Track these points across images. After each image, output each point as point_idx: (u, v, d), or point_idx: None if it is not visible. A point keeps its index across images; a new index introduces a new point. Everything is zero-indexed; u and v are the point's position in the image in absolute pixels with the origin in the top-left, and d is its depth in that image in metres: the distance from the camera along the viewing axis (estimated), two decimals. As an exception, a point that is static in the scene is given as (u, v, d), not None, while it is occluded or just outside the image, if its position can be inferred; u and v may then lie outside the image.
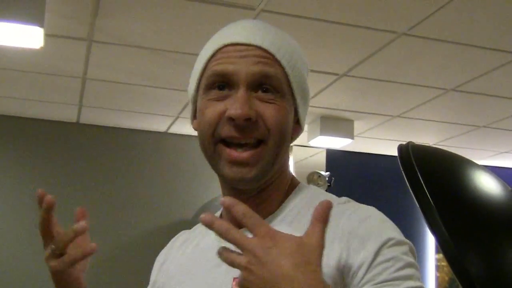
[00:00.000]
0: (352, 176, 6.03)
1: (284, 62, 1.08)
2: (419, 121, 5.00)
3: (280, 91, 1.07)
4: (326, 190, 4.37)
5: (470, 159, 1.20)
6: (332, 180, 5.27)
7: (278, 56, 1.08)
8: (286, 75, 1.09)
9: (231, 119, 1.04)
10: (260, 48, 1.07)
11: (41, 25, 3.08)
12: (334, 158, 5.89)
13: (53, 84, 4.43)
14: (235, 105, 1.04)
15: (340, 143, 5.25)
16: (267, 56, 1.07)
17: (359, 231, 1.01)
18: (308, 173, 5.46)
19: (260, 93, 1.06)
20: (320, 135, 4.97)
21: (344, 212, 1.05)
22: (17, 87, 4.58)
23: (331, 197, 1.12)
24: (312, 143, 5.22)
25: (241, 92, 1.05)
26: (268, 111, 1.06)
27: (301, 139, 5.50)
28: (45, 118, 5.40)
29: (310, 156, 5.94)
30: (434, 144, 5.55)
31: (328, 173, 5.32)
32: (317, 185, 5.20)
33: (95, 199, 5.43)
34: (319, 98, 4.47)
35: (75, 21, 3.33)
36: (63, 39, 3.56)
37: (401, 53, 3.61)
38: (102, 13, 3.19)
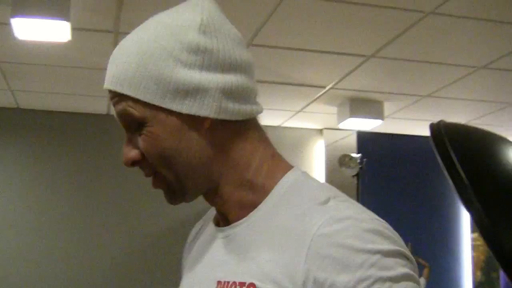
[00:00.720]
0: (383, 157, 5.99)
1: (127, 91, 0.98)
2: (449, 100, 4.95)
3: (139, 120, 0.99)
4: (358, 173, 4.34)
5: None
6: (364, 162, 5.24)
7: (120, 89, 0.99)
8: (138, 100, 0.99)
9: None
10: (110, 90, 1.01)
11: (68, 19, 3.12)
12: (365, 140, 5.86)
13: (81, 77, 4.48)
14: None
15: (370, 124, 5.21)
16: (116, 95, 1.01)
17: (329, 251, 0.90)
18: (339, 156, 5.44)
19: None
20: (350, 117, 4.94)
21: (318, 217, 0.94)
22: (45, 81, 4.64)
23: (311, 192, 1.01)
24: (342, 125, 5.19)
25: (125, 138, 1.04)
26: (141, 145, 1.01)
27: (331, 122, 5.50)
28: (74, 111, 5.46)
29: (341, 139, 5.92)
30: (465, 123, 5.48)
31: (359, 155, 5.29)
32: (349, 167, 5.18)
33: (122, 190, 5.48)
34: (347, 81, 4.44)
35: (101, 14, 3.36)
36: (90, 32, 3.58)
37: (429, 32, 3.56)
38: (127, 5, 3.21)
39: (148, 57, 0.98)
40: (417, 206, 6.03)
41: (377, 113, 5.02)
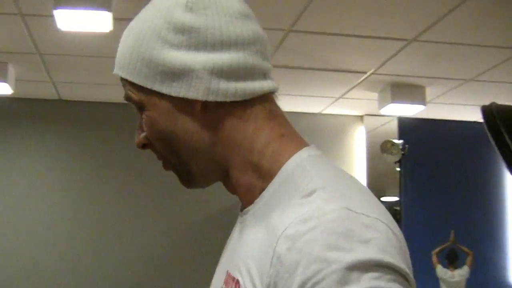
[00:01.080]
0: (425, 143, 5.91)
1: (125, 75, 0.98)
2: (493, 84, 4.85)
3: (139, 104, 0.99)
4: (400, 159, 4.31)
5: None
6: (406, 148, 5.18)
7: (120, 73, 0.99)
8: (134, 83, 0.98)
9: None
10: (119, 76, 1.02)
11: (109, 10, 3.15)
12: (406, 126, 5.79)
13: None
14: None
15: (412, 110, 5.15)
16: (121, 79, 1.01)
17: (289, 256, 0.82)
18: (380, 142, 5.40)
19: None
20: (391, 102, 4.88)
21: (291, 215, 0.85)
22: (86, 72, 4.70)
23: (302, 180, 0.92)
24: (383, 111, 5.14)
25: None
26: (144, 128, 1.01)
27: (372, 108, 5.45)
28: (115, 101, 5.52)
29: (382, 125, 5.87)
30: None
31: (401, 141, 5.23)
32: (391, 153, 5.13)
33: (160, 181, 5.52)
34: (388, 66, 4.39)
35: (142, 4, 3.37)
36: (131, 22, 3.61)
37: (472, 15, 3.49)
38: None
39: (141, 39, 0.97)
40: (460, 193, 5.94)
41: (419, 98, 4.95)
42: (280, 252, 0.82)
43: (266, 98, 1.00)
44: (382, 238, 0.81)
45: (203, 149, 0.98)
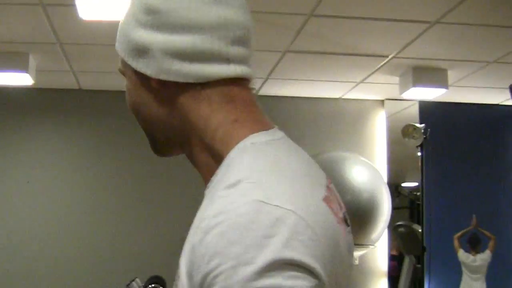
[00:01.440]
0: (447, 127, 5.87)
1: (116, 47, 1.10)
2: (517, 66, 4.79)
3: (123, 74, 1.12)
4: (422, 143, 4.26)
5: None
6: (428, 132, 5.13)
7: (116, 46, 1.10)
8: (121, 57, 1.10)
9: None
10: None
11: (130, -3, 3.13)
12: (427, 110, 5.74)
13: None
14: None
15: (433, 93, 5.10)
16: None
17: (198, 249, 0.84)
18: (401, 127, 5.36)
19: None
20: (413, 86, 4.84)
21: (210, 207, 0.87)
22: (107, 61, 4.69)
23: (232, 169, 0.94)
24: (405, 95, 5.09)
25: None
26: None
27: (393, 92, 5.41)
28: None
29: (403, 110, 5.83)
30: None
31: (423, 125, 5.18)
32: (412, 138, 5.10)
33: (183, 166, 5.53)
34: (410, 49, 4.34)
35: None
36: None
37: (497, -5, 3.45)
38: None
39: (125, 18, 1.07)
40: (483, 177, 5.89)
41: (441, 82, 4.90)
42: (194, 243, 0.85)
43: (228, 82, 1.02)
44: (288, 232, 0.81)
45: (162, 122, 1.06)
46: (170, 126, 1.05)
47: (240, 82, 1.05)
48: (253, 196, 0.84)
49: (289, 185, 0.89)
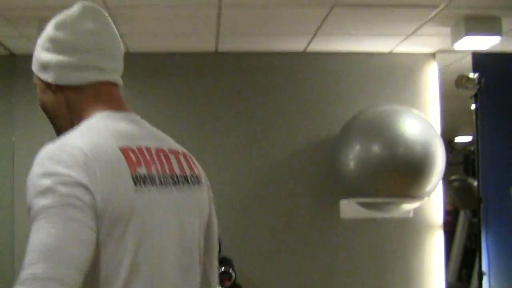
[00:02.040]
0: (501, 78, 5.68)
1: (32, 67, 1.71)
2: None
3: (35, 84, 1.69)
4: (476, 94, 4.12)
5: None
6: (482, 82, 4.98)
7: (32, 67, 1.71)
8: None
9: None
10: None
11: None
12: (481, 60, 5.56)
13: (188, 15, 4.50)
14: None
15: (487, 42, 4.92)
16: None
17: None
18: (454, 79, 5.22)
19: None
20: (465, 35, 4.68)
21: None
22: (151, 23, 4.70)
23: (60, 137, 1.54)
24: (457, 46, 4.94)
25: None
26: None
27: (444, 44, 5.27)
28: (182, 51, 5.53)
29: (455, 61, 5.68)
30: None
31: (477, 74, 5.02)
32: (466, 88, 4.96)
33: (238, 125, 5.56)
34: (461, -2, 4.20)
35: None
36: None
37: None
38: None
39: (36, 48, 1.68)
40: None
41: (495, 30, 4.73)
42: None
43: (100, 85, 1.65)
44: (72, 159, 1.39)
45: (61, 113, 1.66)
46: (66, 116, 1.65)
47: (109, 84, 1.67)
48: (60, 142, 1.47)
49: (86, 137, 1.48)
